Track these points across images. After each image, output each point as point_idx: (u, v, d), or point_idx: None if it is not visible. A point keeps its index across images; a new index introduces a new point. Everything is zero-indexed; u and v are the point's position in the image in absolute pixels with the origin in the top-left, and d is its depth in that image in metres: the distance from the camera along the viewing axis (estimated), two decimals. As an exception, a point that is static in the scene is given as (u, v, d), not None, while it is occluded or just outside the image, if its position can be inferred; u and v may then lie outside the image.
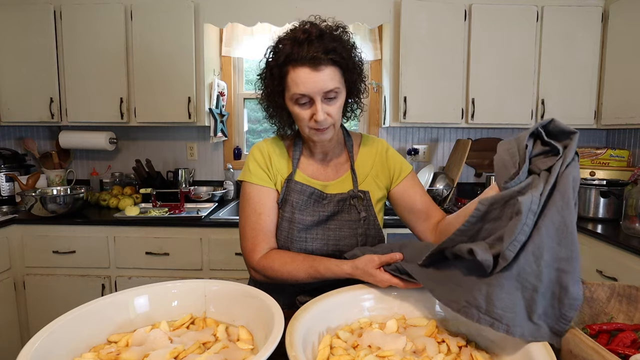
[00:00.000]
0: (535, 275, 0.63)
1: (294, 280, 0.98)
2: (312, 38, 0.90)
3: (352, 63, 0.98)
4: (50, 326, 0.66)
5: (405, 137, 2.76)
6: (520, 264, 0.63)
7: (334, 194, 1.05)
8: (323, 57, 0.89)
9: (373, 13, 2.32)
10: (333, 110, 0.95)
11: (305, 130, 0.99)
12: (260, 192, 1.05)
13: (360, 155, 1.12)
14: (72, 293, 2.12)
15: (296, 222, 1.02)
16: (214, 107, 2.48)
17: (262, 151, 1.08)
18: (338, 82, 0.94)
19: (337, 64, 0.93)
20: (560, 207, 0.63)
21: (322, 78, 0.90)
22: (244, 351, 0.69)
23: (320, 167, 1.10)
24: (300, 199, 1.03)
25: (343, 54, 0.93)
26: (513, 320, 0.62)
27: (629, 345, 0.67)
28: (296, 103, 0.95)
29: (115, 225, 2.11)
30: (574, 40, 2.32)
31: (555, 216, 0.63)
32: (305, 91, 0.91)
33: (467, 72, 2.34)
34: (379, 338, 0.71)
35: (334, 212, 1.04)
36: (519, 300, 0.64)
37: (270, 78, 0.98)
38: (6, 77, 2.32)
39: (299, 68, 0.90)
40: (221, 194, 2.53)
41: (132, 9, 2.27)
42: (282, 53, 0.93)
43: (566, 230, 0.62)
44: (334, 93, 0.94)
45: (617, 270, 1.78)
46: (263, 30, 2.55)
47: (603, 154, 2.45)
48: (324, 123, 0.94)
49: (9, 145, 2.74)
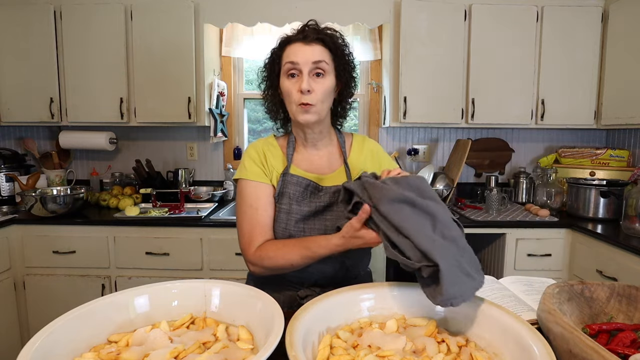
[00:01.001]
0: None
1: (290, 265, 1.00)
2: (306, 28, 1.05)
3: (342, 53, 1.07)
4: (50, 326, 0.66)
5: (405, 137, 2.76)
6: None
7: (329, 186, 1.09)
8: (314, 36, 1.03)
9: (373, 13, 2.32)
10: (319, 87, 1.02)
11: (293, 108, 1.04)
12: (256, 187, 1.08)
13: (352, 151, 1.17)
14: (72, 293, 2.12)
15: (294, 212, 1.05)
16: (214, 107, 2.48)
17: (257, 149, 1.13)
18: (326, 59, 1.04)
19: (326, 46, 1.04)
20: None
21: (312, 51, 1.02)
22: (244, 351, 0.69)
23: (314, 161, 1.14)
24: (297, 191, 1.07)
25: (333, 41, 1.05)
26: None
27: (628, 345, 0.67)
28: (287, 76, 1.03)
29: (115, 225, 2.11)
30: (574, 41, 2.32)
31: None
32: (295, 59, 1.01)
33: (467, 72, 2.34)
34: (379, 338, 0.72)
35: (329, 203, 1.08)
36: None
37: (270, 60, 1.10)
38: (6, 77, 2.32)
39: (293, 44, 1.03)
40: (221, 194, 2.53)
41: (132, 9, 2.27)
42: (282, 39, 1.07)
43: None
44: (322, 69, 1.02)
45: (617, 270, 1.78)
46: (263, 30, 2.55)
47: (603, 154, 2.45)
48: (308, 97, 1.01)
49: (9, 145, 2.74)
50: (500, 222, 2.11)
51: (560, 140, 2.76)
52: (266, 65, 1.11)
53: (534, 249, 2.11)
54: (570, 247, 2.10)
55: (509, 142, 2.74)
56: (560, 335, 0.62)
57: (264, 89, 1.13)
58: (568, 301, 0.77)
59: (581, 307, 0.78)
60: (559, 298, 0.75)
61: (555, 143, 2.76)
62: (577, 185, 2.21)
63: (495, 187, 2.50)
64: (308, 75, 1.01)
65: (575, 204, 2.22)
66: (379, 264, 2.16)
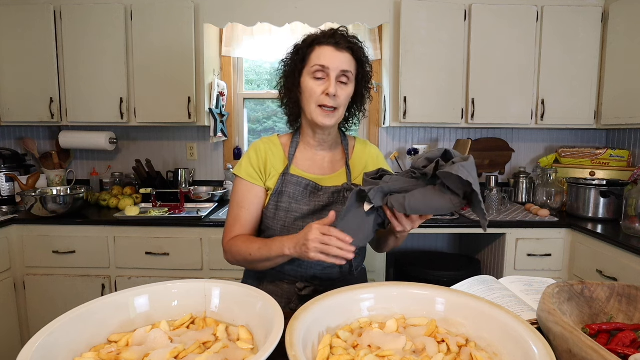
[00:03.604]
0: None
1: (249, 254, 1.04)
2: (337, 33, 1.07)
3: (364, 65, 1.10)
4: (50, 326, 0.66)
5: (405, 137, 2.76)
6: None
7: (328, 186, 1.12)
8: (345, 44, 1.05)
9: (373, 13, 2.32)
10: (342, 93, 1.05)
11: (311, 108, 1.05)
12: (246, 187, 1.12)
13: (355, 153, 1.21)
14: (72, 293, 2.12)
15: (293, 211, 1.09)
16: (214, 107, 2.48)
17: (258, 151, 1.15)
18: (352, 69, 1.07)
19: (355, 55, 1.07)
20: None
21: (342, 59, 1.04)
22: (244, 351, 0.69)
23: (316, 161, 1.16)
24: (297, 190, 1.10)
25: (361, 53, 1.08)
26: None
27: (628, 345, 0.67)
28: (313, 77, 1.04)
29: (115, 225, 2.11)
30: (574, 40, 2.32)
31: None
32: (326, 63, 1.03)
33: (467, 72, 2.34)
34: (379, 338, 0.72)
35: (328, 203, 1.11)
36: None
37: (294, 56, 1.10)
38: (6, 77, 2.32)
39: (324, 46, 1.05)
40: (221, 194, 2.53)
41: (132, 9, 2.27)
42: (310, 37, 1.08)
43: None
44: (347, 78, 1.05)
45: (617, 270, 1.78)
46: (263, 30, 2.55)
47: (603, 154, 2.45)
48: (334, 101, 1.03)
49: (9, 145, 2.74)
50: (500, 222, 2.11)
51: (560, 140, 2.76)
52: (288, 60, 1.11)
53: (534, 249, 2.11)
54: (570, 247, 2.10)
55: (509, 142, 2.74)
56: (560, 335, 0.62)
57: (282, 83, 1.14)
58: (568, 301, 0.77)
59: (581, 307, 0.78)
60: (559, 298, 0.75)
61: (555, 143, 2.76)
62: (577, 185, 2.21)
63: (495, 187, 2.50)
64: (334, 80, 1.03)
65: (575, 204, 2.22)
66: (379, 263, 2.16)
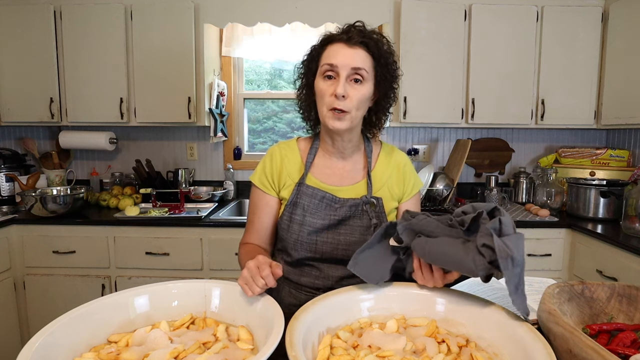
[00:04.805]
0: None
1: (239, 263, 1.07)
2: (352, 28, 0.99)
3: (385, 62, 1.00)
4: (50, 326, 0.66)
5: (405, 137, 2.76)
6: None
7: (346, 198, 1.04)
8: (357, 39, 0.96)
9: (373, 13, 2.32)
10: (355, 94, 0.96)
11: (324, 112, 0.98)
12: (258, 195, 1.12)
13: (379, 163, 1.11)
14: (72, 293, 2.12)
15: (306, 224, 1.03)
16: (214, 107, 2.48)
17: (273, 158, 1.10)
18: (367, 66, 0.97)
19: (370, 51, 0.97)
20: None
21: (353, 55, 0.95)
22: (244, 351, 0.69)
23: (335, 170, 1.09)
24: (312, 203, 1.04)
25: (378, 46, 0.98)
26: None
27: (629, 345, 0.67)
28: (323, 77, 0.98)
29: (115, 225, 2.11)
30: (574, 40, 2.32)
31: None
32: (334, 61, 0.95)
33: (467, 72, 2.34)
34: (379, 338, 0.71)
35: (345, 216, 1.03)
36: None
37: (309, 57, 1.04)
38: (6, 77, 2.32)
39: (335, 43, 0.97)
40: (221, 194, 2.53)
41: (132, 9, 2.26)
42: (325, 35, 1.02)
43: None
44: (360, 76, 0.96)
45: (617, 270, 1.78)
46: (263, 30, 2.55)
47: (603, 154, 2.45)
48: (342, 103, 0.95)
49: (9, 145, 2.74)
50: (500, 222, 2.11)
51: (560, 140, 2.76)
52: (304, 62, 1.06)
53: (534, 249, 2.11)
54: (570, 247, 2.10)
55: (509, 142, 2.74)
56: (560, 336, 0.62)
57: (298, 87, 1.08)
58: (568, 301, 0.77)
59: (581, 307, 0.78)
60: (559, 298, 0.75)
61: (555, 143, 2.76)
62: (577, 185, 2.21)
63: (495, 187, 2.50)
64: (345, 79, 0.95)
65: (575, 204, 2.22)
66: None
